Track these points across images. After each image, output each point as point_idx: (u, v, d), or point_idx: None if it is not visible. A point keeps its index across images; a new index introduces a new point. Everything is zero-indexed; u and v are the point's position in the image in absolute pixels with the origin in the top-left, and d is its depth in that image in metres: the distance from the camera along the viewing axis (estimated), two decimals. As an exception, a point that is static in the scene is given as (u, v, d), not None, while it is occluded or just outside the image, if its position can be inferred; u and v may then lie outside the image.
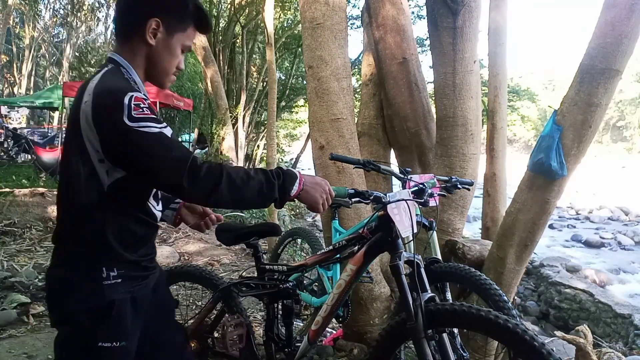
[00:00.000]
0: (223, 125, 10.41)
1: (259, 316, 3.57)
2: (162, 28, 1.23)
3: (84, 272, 1.17)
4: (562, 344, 3.53)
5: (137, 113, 1.09)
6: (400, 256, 1.53)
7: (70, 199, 1.22)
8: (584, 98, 2.25)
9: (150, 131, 1.09)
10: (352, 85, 2.91)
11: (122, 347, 1.18)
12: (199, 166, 1.11)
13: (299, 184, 1.21)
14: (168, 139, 1.12)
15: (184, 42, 1.29)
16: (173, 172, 1.09)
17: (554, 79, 58.89)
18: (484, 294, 1.95)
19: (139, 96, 1.12)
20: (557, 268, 8.17)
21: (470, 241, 3.08)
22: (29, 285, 3.95)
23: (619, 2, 2.16)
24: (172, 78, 1.33)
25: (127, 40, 1.25)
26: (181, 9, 1.26)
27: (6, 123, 13.71)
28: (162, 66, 1.28)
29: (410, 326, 1.39)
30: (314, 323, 1.78)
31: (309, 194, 1.23)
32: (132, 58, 1.24)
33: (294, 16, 13.23)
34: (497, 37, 3.53)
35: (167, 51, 1.26)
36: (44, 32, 23.58)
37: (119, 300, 1.18)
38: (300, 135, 20.35)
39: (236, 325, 1.81)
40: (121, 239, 1.20)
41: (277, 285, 1.86)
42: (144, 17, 1.21)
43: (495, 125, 3.50)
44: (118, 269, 1.19)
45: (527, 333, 1.23)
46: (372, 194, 1.59)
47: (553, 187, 2.38)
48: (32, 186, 7.52)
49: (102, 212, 1.18)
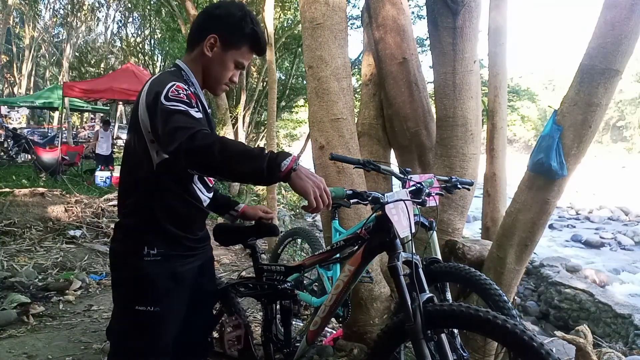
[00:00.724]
0: (223, 125, 10.41)
1: (258, 316, 3.57)
2: (218, 43, 1.48)
3: (131, 248, 1.44)
4: (562, 344, 3.53)
5: (173, 95, 1.30)
6: (398, 257, 1.52)
7: (128, 175, 1.48)
8: (584, 98, 2.25)
9: (179, 108, 1.27)
10: (352, 85, 2.91)
11: (155, 311, 1.43)
12: (201, 132, 1.22)
13: (291, 161, 1.21)
14: (190, 115, 1.26)
15: (237, 58, 1.52)
16: (180, 134, 1.21)
17: (554, 79, 58.88)
18: (484, 294, 1.95)
19: (181, 85, 1.34)
20: (557, 268, 8.17)
21: (470, 241, 3.08)
22: (29, 285, 3.95)
23: (619, 2, 2.16)
24: (223, 87, 1.57)
25: (191, 51, 1.53)
26: (237, 30, 1.49)
27: (6, 123, 13.72)
28: (214, 75, 1.53)
29: (409, 327, 1.38)
30: (312, 324, 1.77)
31: (302, 180, 1.23)
32: (192, 65, 1.52)
33: (294, 16, 13.22)
34: (497, 37, 3.52)
35: (220, 63, 1.50)
36: (44, 32, 23.59)
37: (155, 273, 1.42)
38: (300, 135, 20.34)
39: (234, 326, 1.81)
40: (166, 215, 1.44)
41: (275, 286, 1.85)
42: (205, 32, 1.48)
43: (495, 125, 3.50)
44: (158, 248, 1.43)
45: (526, 333, 1.22)
46: (370, 194, 1.58)
47: (553, 187, 2.38)
48: (32, 186, 7.52)
49: (151, 189, 1.42)
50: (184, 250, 1.51)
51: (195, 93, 1.40)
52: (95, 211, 6.26)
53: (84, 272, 4.46)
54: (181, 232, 1.49)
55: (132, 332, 1.46)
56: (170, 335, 1.51)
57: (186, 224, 1.51)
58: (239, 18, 1.49)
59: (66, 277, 4.25)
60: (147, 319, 1.43)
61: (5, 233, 5.23)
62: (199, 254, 1.59)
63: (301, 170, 1.24)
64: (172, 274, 1.46)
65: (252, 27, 1.50)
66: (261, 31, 1.54)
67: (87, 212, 6.19)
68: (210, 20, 1.51)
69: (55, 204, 6.18)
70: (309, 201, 1.24)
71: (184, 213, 1.48)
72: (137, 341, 1.46)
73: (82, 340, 3.06)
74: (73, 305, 3.76)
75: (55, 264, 4.63)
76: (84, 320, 3.44)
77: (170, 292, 1.46)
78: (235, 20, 1.49)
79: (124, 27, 24.70)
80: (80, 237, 5.51)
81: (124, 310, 1.48)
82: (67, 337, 3.12)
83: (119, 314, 1.52)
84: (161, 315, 1.44)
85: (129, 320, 1.46)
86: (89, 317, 3.53)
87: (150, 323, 1.44)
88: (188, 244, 1.52)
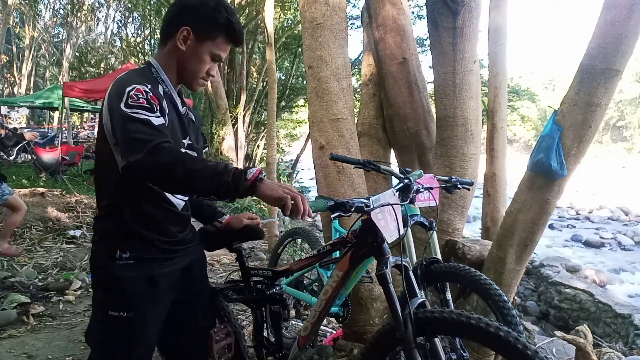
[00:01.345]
0: (223, 125, 10.42)
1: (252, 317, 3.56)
2: (192, 36, 1.40)
3: (104, 251, 1.39)
4: (562, 344, 3.53)
5: (132, 101, 1.24)
6: (386, 263, 1.46)
7: (99, 176, 1.45)
8: (584, 98, 2.25)
9: (138, 117, 1.23)
10: (352, 85, 2.91)
11: (128, 317, 1.37)
12: (162, 146, 1.19)
13: (257, 171, 1.19)
14: (149, 124, 1.23)
15: (213, 50, 1.43)
16: (138, 146, 1.18)
17: (554, 79, 58.83)
18: (484, 294, 1.95)
19: (141, 88, 1.27)
20: (557, 268, 8.17)
21: (470, 241, 3.08)
22: (29, 285, 3.95)
23: (619, 2, 2.16)
24: (201, 82, 1.48)
25: (164, 45, 1.45)
26: (211, 21, 1.40)
27: (6, 123, 13.71)
28: (190, 70, 1.44)
29: (400, 336, 1.35)
30: (303, 329, 1.73)
31: (272, 189, 1.19)
32: (165, 61, 1.44)
33: (294, 16, 13.22)
34: (497, 37, 3.52)
35: (195, 57, 1.42)
36: (44, 32, 23.58)
37: (128, 277, 1.36)
38: (300, 135, 20.34)
39: (224, 335, 1.72)
40: (137, 218, 1.38)
41: (263, 291, 1.79)
42: (178, 25, 1.40)
43: (495, 125, 3.50)
44: (131, 252, 1.37)
45: (519, 341, 1.20)
46: (353, 204, 1.47)
47: (553, 187, 2.38)
48: (32, 186, 7.53)
49: (119, 191, 1.36)
50: (161, 253, 1.43)
51: (160, 94, 1.34)
52: (95, 211, 6.24)
53: (84, 272, 4.46)
54: (155, 234, 1.42)
55: (106, 337, 1.41)
56: (148, 342, 1.45)
57: (160, 226, 1.43)
58: (212, 8, 1.40)
59: (66, 277, 4.25)
60: (120, 325, 1.37)
61: (5, 233, 5.23)
62: (180, 255, 1.51)
63: (266, 179, 1.20)
64: (147, 278, 1.39)
65: (226, 16, 1.40)
66: (237, 20, 1.45)
67: (87, 212, 6.20)
68: (182, 12, 1.43)
69: (55, 204, 6.18)
70: (284, 204, 1.17)
71: (156, 215, 1.41)
72: (111, 348, 1.40)
73: (82, 340, 3.06)
74: (73, 305, 3.76)
75: (55, 264, 4.64)
76: (84, 320, 3.43)
77: (145, 297, 1.40)
78: (209, 10, 1.39)
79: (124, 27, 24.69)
80: (80, 237, 5.51)
81: (99, 315, 1.43)
82: (67, 337, 3.12)
83: (95, 318, 1.46)
84: (135, 321, 1.38)
85: (102, 326, 1.41)
86: (89, 317, 3.53)
87: (123, 329, 1.38)
88: (164, 247, 1.44)
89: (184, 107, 1.50)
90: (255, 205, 9.21)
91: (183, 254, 1.53)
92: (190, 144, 1.49)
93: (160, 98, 1.33)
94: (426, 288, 2.06)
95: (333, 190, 2.74)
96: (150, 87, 1.31)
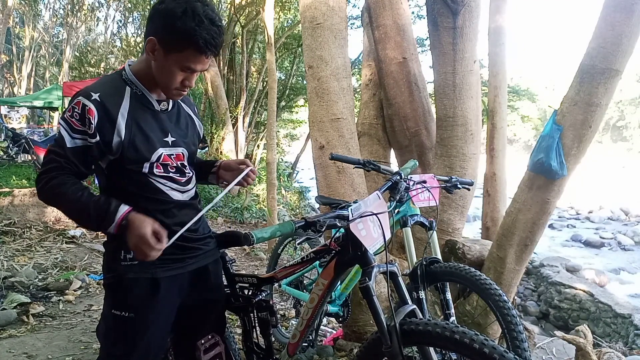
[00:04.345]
0: (223, 126, 10.43)
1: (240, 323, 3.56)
2: (158, 47, 1.28)
3: (111, 252, 1.40)
4: (562, 344, 3.53)
5: (67, 115, 1.28)
6: (370, 275, 1.39)
7: (99, 177, 1.44)
8: (584, 98, 2.25)
9: (61, 132, 1.28)
10: (352, 85, 2.91)
11: (129, 317, 1.38)
12: (44, 180, 1.27)
13: (127, 211, 1.26)
14: (60, 146, 1.28)
15: (182, 63, 1.29)
16: (40, 175, 1.29)
17: (554, 79, 58.85)
18: (484, 294, 1.95)
19: (81, 101, 1.26)
20: (557, 268, 8.17)
21: (470, 241, 3.08)
22: (29, 285, 3.95)
23: (619, 2, 2.16)
24: (176, 93, 1.37)
25: (143, 53, 1.39)
26: (176, 31, 1.24)
27: (6, 123, 13.71)
28: (160, 81, 1.35)
29: (386, 350, 1.32)
30: (291, 337, 1.70)
31: (132, 234, 1.24)
32: (141, 67, 1.37)
33: (294, 16, 13.22)
34: (497, 37, 3.53)
35: (163, 69, 1.31)
36: (44, 32, 23.58)
37: (131, 278, 1.36)
38: (300, 135, 20.34)
39: (211, 345, 1.64)
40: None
41: (249, 298, 1.74)
42: (146, 35, 1.31)
43: (495, 125, 3.51)
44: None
45: (506, 357, 1.16)
46: (325, 222, 1.35)
47: (553, 187, 2.38)
48: (32, 186, 7.51)
49: (111, 192, 1.36)
50: (166, 254, 1.31)
51: (114, 103, 1.29)
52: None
53: (84, 272, 4.45)
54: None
55: (111, 335, 1.44)
56: (150, 344, 1.43)
57: (161, 224, 1.30)
58: (179, 15, 1.23)
59: (66, 277, 4.24)
60: (121, 325, 1.39)
61: (5, 233, 5.24)
62: (190, 257, 1.46)
63: (135, 221, 1.24)
64: (151, 280, 1.37)
65: (193, 25, 1.22)
66: (208, 27, 1.24)
67: (87, 212, 6.18)
68: (151, 19, 1.30)
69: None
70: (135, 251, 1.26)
71: (153, 212, 1.32)
72: (115, 345, 1.43)
73: (82, 340, 3.06)
74: (73, 305, 3.76)
75: (55, 264, 4.63)
76: (84, 320, 3.43)
77: (147, 299, 1.38)
78: (175, 18, 1.23)
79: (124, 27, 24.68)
80: (80, 237, 5.52)
81: (106, 313, 1.45)
82: (67, 337, 3.12)
83: (102, 315, 1.49)
84: (136, 322, 1.38)
85: (106, 323, 1.44)
86: (89, 317, 3.53)
87: (125, 329, 1.39)
88: (169, 248, 1.32)
89: (164, 103, 1.41)
90: (255, 205, 9.21)
91: (193, 256, 1.48)
92: (174, 141, 1.41)
93: (109, 110, 1.27)
94: (426, 288, 2.06)
95: (333, 190, 2.74)
96: (100, 98, 1.27)
